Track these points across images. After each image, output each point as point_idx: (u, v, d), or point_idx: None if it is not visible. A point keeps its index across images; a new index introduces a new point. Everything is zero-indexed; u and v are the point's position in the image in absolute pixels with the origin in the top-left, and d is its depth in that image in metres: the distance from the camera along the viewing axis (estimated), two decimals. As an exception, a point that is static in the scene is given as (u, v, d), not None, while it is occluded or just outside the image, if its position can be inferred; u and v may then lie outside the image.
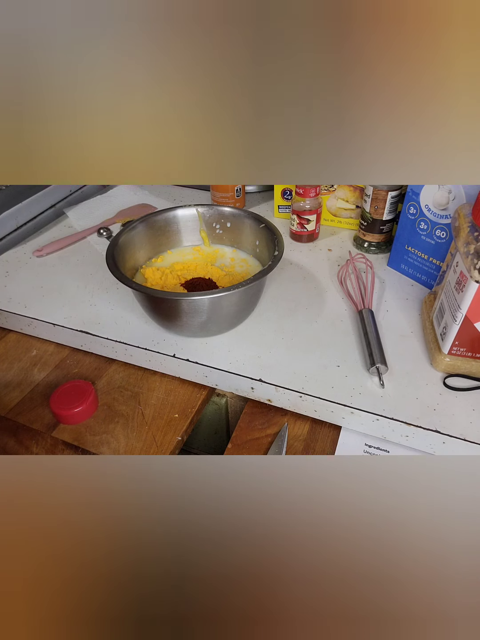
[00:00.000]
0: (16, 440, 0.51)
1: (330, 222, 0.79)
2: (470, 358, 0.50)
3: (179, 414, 0.54)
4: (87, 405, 0.52)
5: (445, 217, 0.58)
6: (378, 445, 0.50)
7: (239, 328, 0.59)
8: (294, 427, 0.53)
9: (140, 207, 0.86)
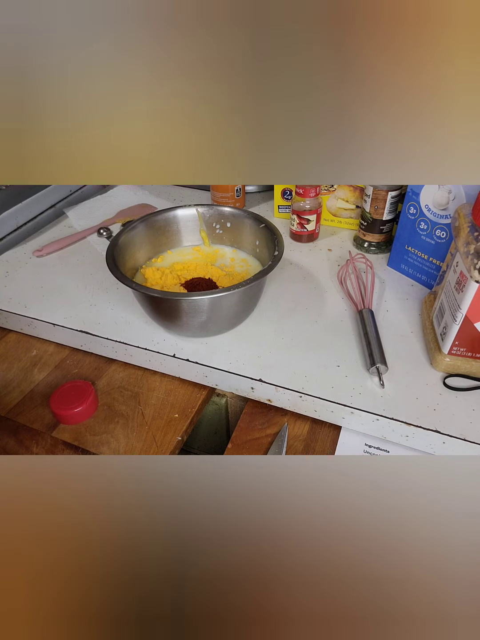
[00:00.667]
0: (16, 440, 0.52)
1: (330, 222, 0.79)
2: (470, 358, 0.50)
3: (179, 414, 0.54)
4: (87, 405, 0.52)
5: (445, 217, 0.58)
6: (378, 445, 0.50)
7: (239, 328, 0.59)
8: (294, 427, 0.53)
9: (140, 207, 0.86)
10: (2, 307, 0.63)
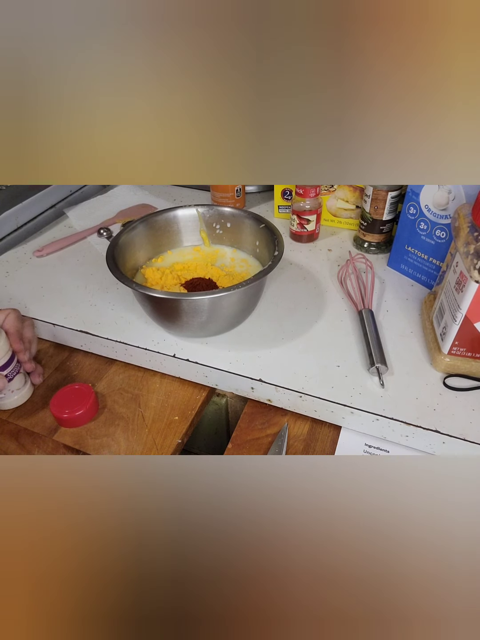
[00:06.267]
0: (18, 444, 0.51)
1: (330, 222, 0.79)
2: (470, 358, 0.50)
3: (179, 416, 0.54)
4: (87, 408, 0.52)
5: (445, 217, 0.58)
6: (378, 445, 0.50)
7: (239, 328, 0.59)
8: (294, 427, 0.53)
9: (140, 207, 0.86)
10: (2, 307, 0.63)
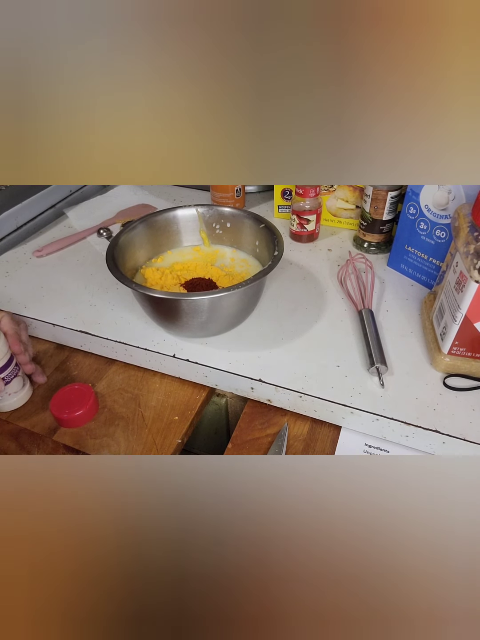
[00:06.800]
0: (17, 444, 0.51)
1: (330, 222, 0.79)
2: (470, 358, 0.50)
3: (179, 417, 0.54)
4: (87, 408, 0.52)
5: (445, 217, 0.58)
6: (378, 445, 0.50)
7: (239, 328, 0.59)
8: (294, 427, 0.53)
9: (140, 207, 0.86)
10: (2, 308, 0.63)
